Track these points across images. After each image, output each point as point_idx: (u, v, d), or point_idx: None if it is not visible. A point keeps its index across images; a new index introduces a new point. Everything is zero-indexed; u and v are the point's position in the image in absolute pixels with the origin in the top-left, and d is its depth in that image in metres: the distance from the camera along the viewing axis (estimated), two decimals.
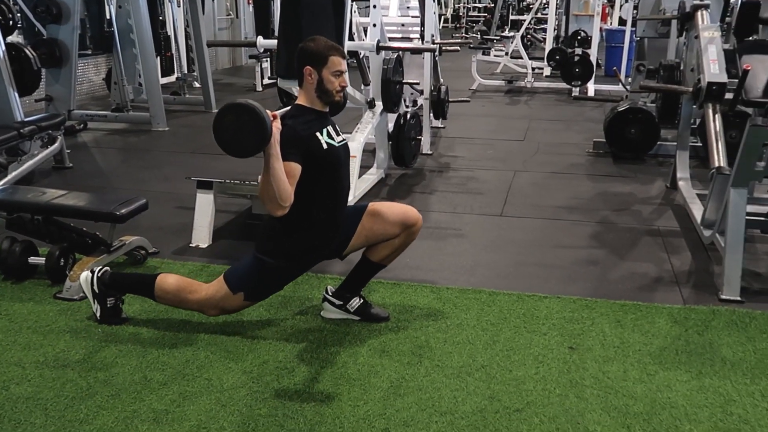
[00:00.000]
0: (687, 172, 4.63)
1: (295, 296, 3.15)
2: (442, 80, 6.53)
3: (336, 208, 2.75)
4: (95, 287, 2.85)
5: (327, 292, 2.97)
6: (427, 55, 5.72)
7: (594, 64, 8.96)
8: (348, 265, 3.02)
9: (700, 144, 5.43)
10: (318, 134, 2.64)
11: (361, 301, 2.95)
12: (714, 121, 3.74)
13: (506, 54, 10.49)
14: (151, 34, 7.04)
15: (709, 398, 2.40)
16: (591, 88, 9.13)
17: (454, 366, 2.58)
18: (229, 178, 3.98)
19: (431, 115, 6.14)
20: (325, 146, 2.64)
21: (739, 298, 3.13)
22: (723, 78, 3.82)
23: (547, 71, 10.56)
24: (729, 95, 3.81)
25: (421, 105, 6.10)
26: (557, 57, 9.55)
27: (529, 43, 11.98)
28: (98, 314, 2.86)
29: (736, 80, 3.72)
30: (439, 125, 6.90)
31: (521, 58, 10.20)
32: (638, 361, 2.63)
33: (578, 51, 8.97)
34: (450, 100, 6.50)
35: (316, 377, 2.51)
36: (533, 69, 10.07)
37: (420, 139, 5.57)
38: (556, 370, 2.57)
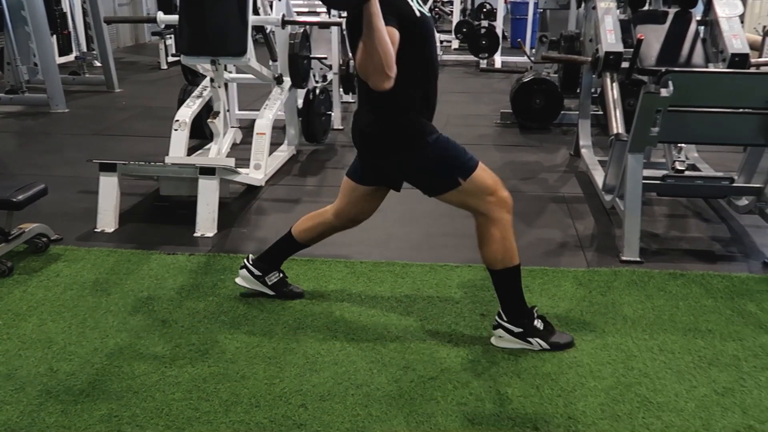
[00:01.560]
0: (589, 140, 4.79)
1: (207, 278, 3.11)
2: (350, 55, 6.49)
3: (432, 89, 2.43)
4: (515, 331, 2.55)
5: (249, 261, 2.91)
6: (335, 29, 5.68)
7: (500, 36, 9.10)
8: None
9: (602, 112, 5.62)
10: None
11: (280, 275, 2.92)
12: (612, 89, 3.88)
13: None
14: (44, 10, 6.69)
15: (612, 355, 2.52)
16: (498, 60, 9.28)
17: (369, 339, 2.61)
18: (134, 159, 3.86)
19: (341, 90, 6.11)
20: (417, 13, 2.25)
21: (638, 259, 3.28)
22: (619, 48, 3.96)
23: (455, 44, 10.67)
24: (626, 64, 3.95)
25: (331, 80, 6.06)
26: (464, 30, 9.65)
27: (437, 16, 12.05)
28: (545, 345, 2.55)
29: (632, 49, 3.86)
30: (350, 100, 6.88)
31: None
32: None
33: (484, 24, 9.08)
34: None
35: (231, 358, 2.48)
36: (441, 42, 10.15)
37: (330, 115, 5.54)
38: (468, 337, 2.64)
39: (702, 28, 4.22)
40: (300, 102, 5.14)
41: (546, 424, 2.14)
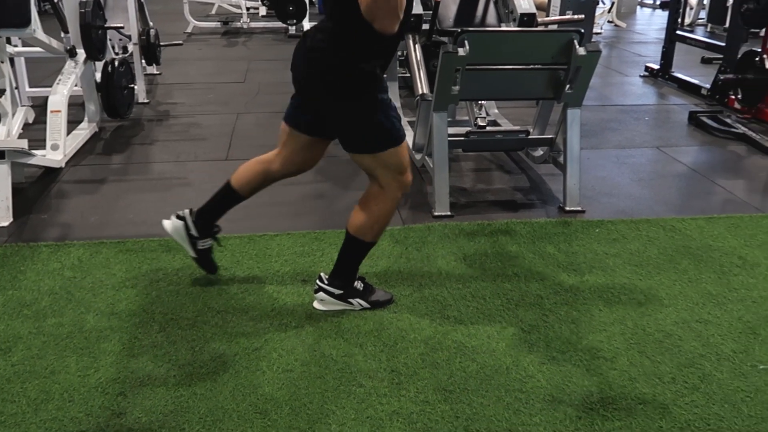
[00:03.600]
0: (398, 102, 4.90)
1: (4, 271, 2.86)
2: (151, 24, 6.17)
3: (394, 46, 2.35)
4: (336, 293, 2.54)
5: (190, 214, 2.70)
6: None
7: (307, 2, 9.04)
8: None
9: (408, 74, 5.76)
10: None
11: (210, 244, 2.74)
12: (415, 51, 3.99)
13: None
14: None
15: (429, 306, 2.63)
16: (306, 25, 9.23)
17: (188, 317, 2.54)
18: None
19: (143, 61, 5.81)
20: None
21: (449, 213, 3.44)
22: (419, 10, 4.07)
23: (262, 11, 10.46)
24: (427, 27, 4.07)
25: (131, 51, 5.73)
26: None
27: None
28: (365, 304, 2.58)
29: (431, 12, 3.98)
30: (155, 72, 6.56)
31: None
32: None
33: None
34: (162, 44, 6.19)
35: (38, 354, 2.31)
36: (248, 9, 9.92)
37: (133, 88, 5.24)
38: (291, 304, 2.64)
39: None
40: (98, 76, 4.82)
41: (370, 380, 2.20)
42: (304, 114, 2.52)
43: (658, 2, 13.40)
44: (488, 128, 3.76)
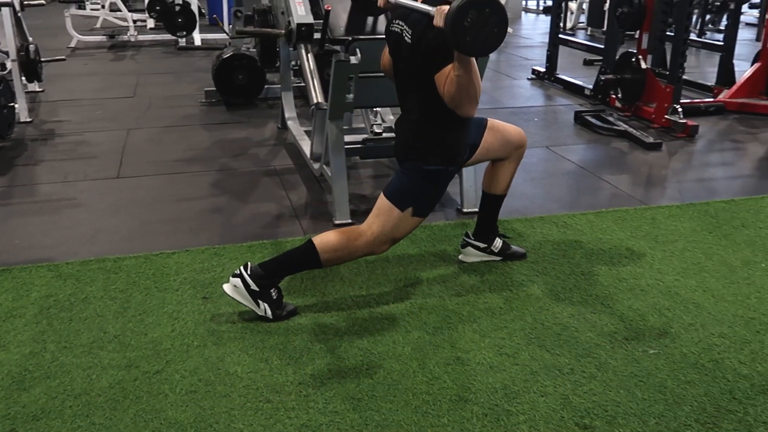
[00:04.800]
0: (293, 112, 4.89)
1: None
2: (30, 39, 5.88)
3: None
4: (252, 287, 2.53)
5: (468, 237, 3.05)
6: (5, 10, 5.10)
7: (196, 12, 8.87)
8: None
9: (303, 84, 5.75)
10: None
11: (503, 240, 3.06)
12: (308, 60, 3.97)
13: (103, 7, 9.86)
14: None
15: (334, 315, 2.62)
16: (197, 37, 9.06)
17: (83, 344, 2.43)
18: None
19: (23, 78, 5.53)
20: None
21: (350, 221, 3.44)
22: (309, 19, 4.05)
23: (150, 23, 10.20)
24: (318, 35, 4.07)
25: (10, 69, 5.45)
26: (158, 8, 9.24)
27: None
28: (270, 314, 2.56)
29: (322, 21, 3.98)
30: (37, 89, 6.27)
31: (120, 10, 9.67)
32: None
33: (179, 1, 8.78)
34: (43, 60, 5.91)
35: None
36: (135, 22, 9.64)
37: (14, 107, 4.99)
38: (192, 323, 2.57)
39: None
40: None
41: (277, 394, 2.17)
42: None
43: (541, 8, 13.94)
44: (385, 135, 3.79)
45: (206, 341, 2.45)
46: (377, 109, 4.11)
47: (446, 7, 2.13)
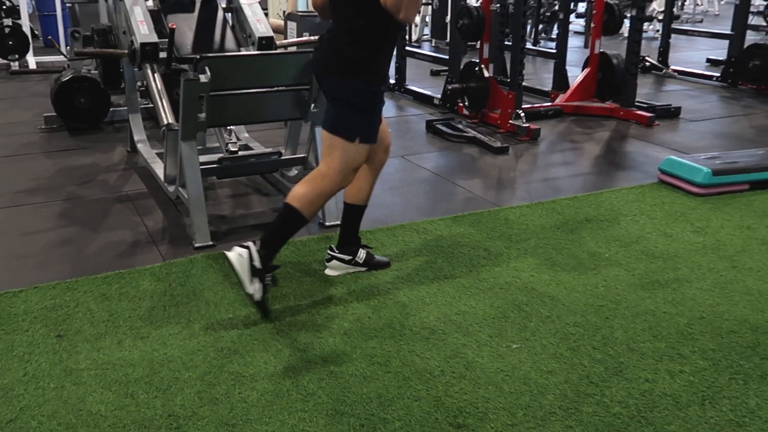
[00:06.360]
0: (143, 134, 4.71)
1: None
2: None
3: (394, 41, 2.80)
4: (256, 263, 2.60)
5: (333, 250, 3.05)
6: None
7: (29, 34, 8.34)
8: None
9: (152, 105, 5.56)
10: None
11: (366, 250, 3.09)
12: (154, 80, 3.86)
13: None
14: None
15: (201, 341, 2.55)
16: (31, 60, 8.51)
17: None
18: None
19: None
20: None
21: (210, 243, 3.36)
22: (153, 38, 3.94)
23: None
24: (164, 54, 3.95)
25: None
26: None
27: None
28: (258, 296, 2.62)
29: (167, 39, 3.87)
30: None
31: None
32: (130, 328, 2.63)
33: (8, 22, 8.22)
34: None
35: None
36: None
37: None
38: (46, 363, 2.41)
39: (229, 14, 4.43)
40: None
41: (146, 430, 2.08)
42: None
43: None
44: (240, 153, 3.73)
45: (63, 382, 2.31)
46: (231, 127, 4.05)
47: None
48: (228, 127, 4.04)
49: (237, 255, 2.60)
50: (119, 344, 2.53)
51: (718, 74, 7.77)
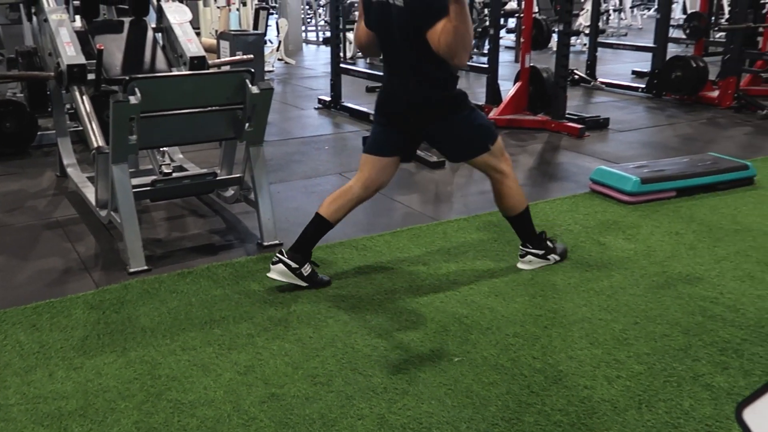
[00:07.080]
0: (73, 158, 4.59)
1: None
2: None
3: None
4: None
5: (283, 254, 3.04)
6: None
7: None
8: None
9: (81, 128, 5.42)
10: None
11: (312, 267, 3.10)
12: (83, 103, 3.77)
13: None
14: None
15: (137, 369, 2.48)
16: None
17: None
18: None
19: None
20: None
21: (146, 267, 3.28)
22: (81, 60, 3.85)
23: None
24: (93, 76, 3.87)
25: None
26: None
27: None
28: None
29: (95, 60, 3.79)
30: None
31: None
32: (63, 359, 2.54)
33: None
34: None
35: None
36: None
37: None
38: None
39: (159, 35, 4.37)
40: None
41: None
42: (399, 136, 3.08)
43: (321, 39, 14.30)
44: (174, 174, 3.67)
45: None
46: (164, 148, 3.98)
47: None
48: (161, 149, 3.97)
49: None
50: (51, 376, 2.44)
51: (643, 85, 8.06)
